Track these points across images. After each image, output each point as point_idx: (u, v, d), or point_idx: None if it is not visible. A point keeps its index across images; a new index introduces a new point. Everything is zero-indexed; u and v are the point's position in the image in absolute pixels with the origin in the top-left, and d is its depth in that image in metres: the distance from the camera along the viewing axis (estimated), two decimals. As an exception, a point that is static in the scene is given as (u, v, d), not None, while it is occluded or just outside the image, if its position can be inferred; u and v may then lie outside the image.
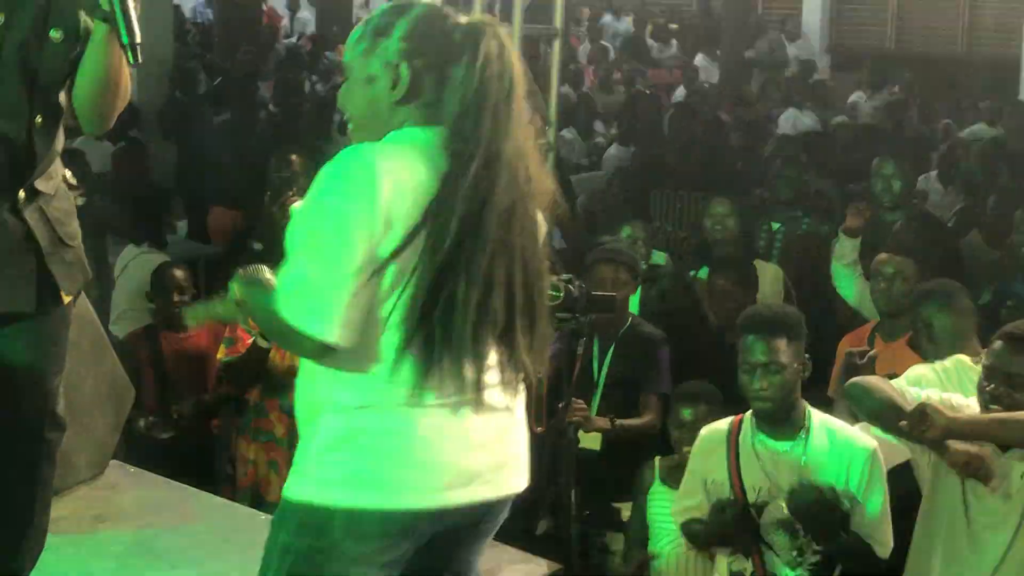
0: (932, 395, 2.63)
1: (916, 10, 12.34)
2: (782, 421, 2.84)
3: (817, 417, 2.88)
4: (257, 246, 4.14)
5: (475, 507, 1.68)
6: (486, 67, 1.59)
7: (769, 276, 4.30)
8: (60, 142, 2.18)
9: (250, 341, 3.50)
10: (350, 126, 1.73)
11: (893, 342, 3.53)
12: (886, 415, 2.58)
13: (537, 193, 1.67)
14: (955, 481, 2.58)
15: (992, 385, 2.54)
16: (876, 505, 2.79)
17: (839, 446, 2.83)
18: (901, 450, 2.78)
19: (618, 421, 3.46)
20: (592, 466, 3.45)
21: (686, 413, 3.24)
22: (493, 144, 1.59)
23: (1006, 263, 4.44)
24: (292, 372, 3.10)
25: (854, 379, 2.82)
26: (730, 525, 2.79)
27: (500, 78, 1.60)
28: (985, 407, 2.54)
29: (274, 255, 2.08)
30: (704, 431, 3.04)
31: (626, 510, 3.48)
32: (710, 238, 4.54)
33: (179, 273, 4.16)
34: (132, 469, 3.45)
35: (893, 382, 2.74)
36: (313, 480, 1.65)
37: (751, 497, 2.83)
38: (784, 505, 2.74)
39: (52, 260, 2.11)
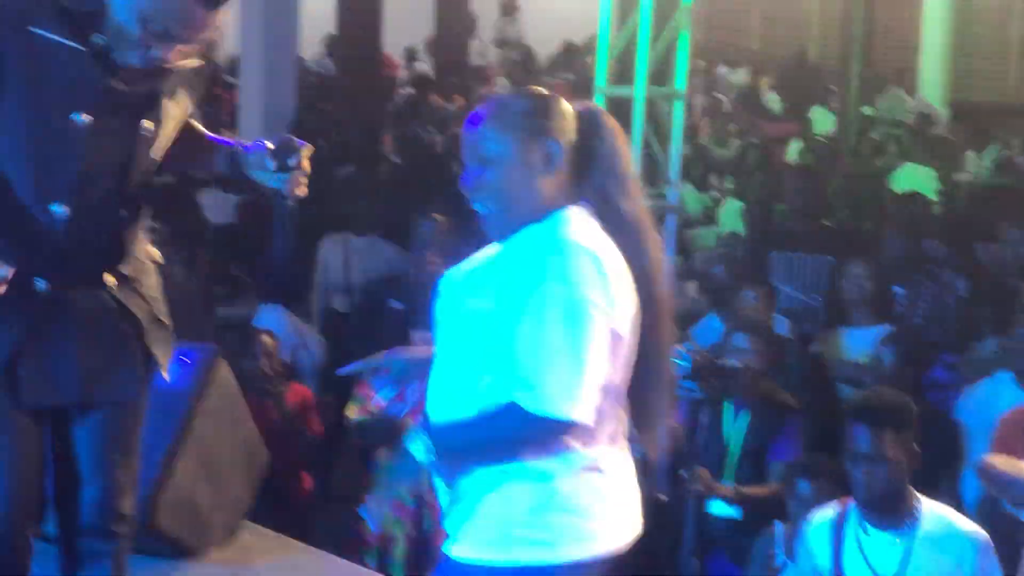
0: None
1: None
2: (888, 511, 2.88)
3: (927, 506, 2.90)
4: (397, 305, 4.21)
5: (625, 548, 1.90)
6: (616, 140, 1.79)
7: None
8: (145, 221, 2.29)
9: (374, 397, 3.66)
10: (491, 207, 1.81)
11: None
12: None
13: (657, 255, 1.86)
14: None
15: None
16: None
17: (950, 536, 2.85)
18: None
19: (743, 489, 3.54)
20: (732, 533, 3.57)
21: (802, 486, 3.28)
22: (633, 212, 1.78)
23: None
24: None
25: (987, 458, 2.91)
26: None
27: (624, 150, 1.82)
28: None
29: (416, 315, 2.20)
30: (814, 516, 3.08)
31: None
32: (847, 297, 4.52)
33: (267, 339, 4.26)
34: (264, 531, 3.61)
35: None
36: (518, 542, 1.78)
37: None
38: None
39: (153, 340, 2.21)
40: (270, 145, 2.16)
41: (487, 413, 1.74)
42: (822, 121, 10.45)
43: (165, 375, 2.24)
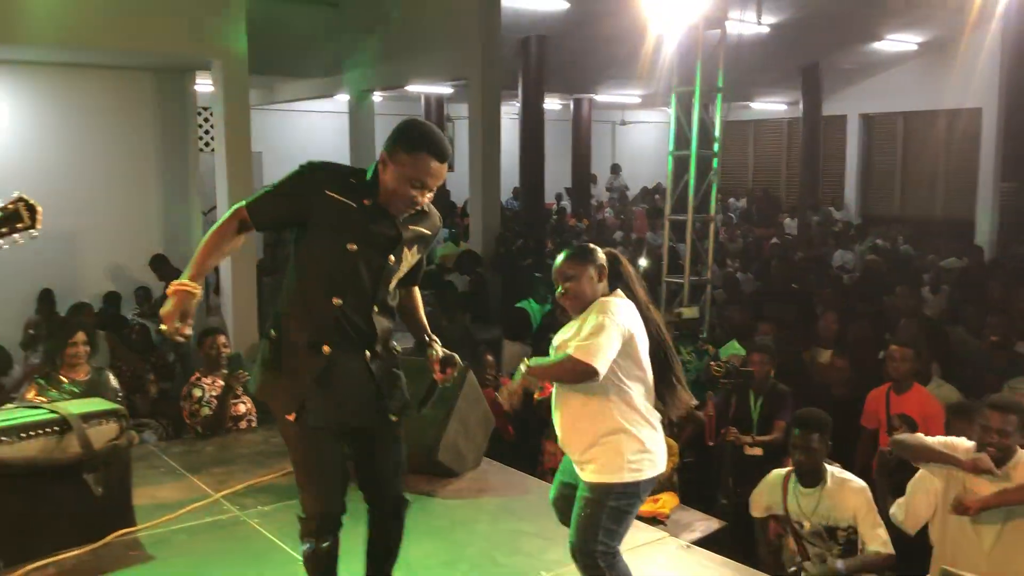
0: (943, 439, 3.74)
1: (911, 184, 17.62)
2: (810, 478, 4.11)
3: (831, 470, 4.09)
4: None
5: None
6: (628, 267, 3.07)
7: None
8: (391, 319, 2.91)
9: (551, 388, 5.78)
10: (568, 302, 2.99)
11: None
12: (944, 457, 3.61)
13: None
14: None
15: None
16: (871, 521, 3.90)
17: (843, 486, 4.01)
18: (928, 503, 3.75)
19: (759, 438, 5.31)
20: (757, 464, 5.03)
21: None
22: (642, 296, 3.04)
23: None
24: None
25: (897, 438, 3.93)
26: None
27: (632, 271, 3.08)
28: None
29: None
30: (770, 474, 4.32)
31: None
32: (823, 335, 6.49)
33: (489, 358, 6.07)
34: (493, 461, 4.94)
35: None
36: (623, 469, 2.86)
37: (794, 517, 4.12)
38: (810, 524, 4.06)
39: (389, 395, 2.87)
40: (439, 352, 2.93)
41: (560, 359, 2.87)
42: (789, 226, 16.00)
43: (392, 417, 2.87)
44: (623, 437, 2.86)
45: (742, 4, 10.64)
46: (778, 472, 4.30)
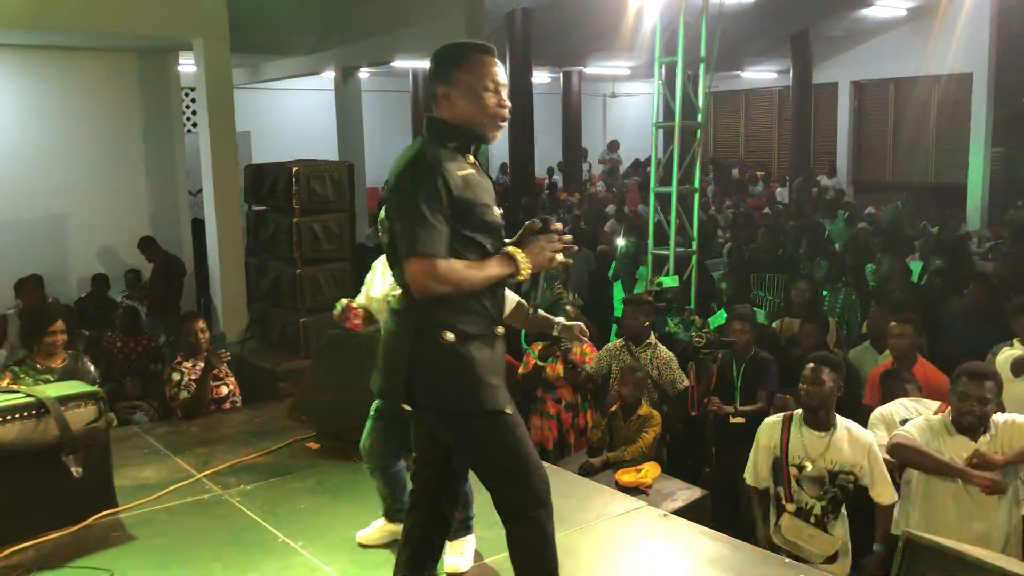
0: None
1: (903, 151, 17.67)
2: (818, 416, 4.01)
3: (841, 419, 4.02)
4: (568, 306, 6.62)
5: None
6: None
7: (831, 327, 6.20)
8: None
9: (534, 362, 5.58)
10: None
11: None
12: (945, 468, 3.69)
13: None
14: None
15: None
16: (879, 470, 3.89)
17: (853, 436, 3.97)
18: None
19: (742, 408, 5.32)
20: (740, 432, 5.05)
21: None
22: None
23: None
24: (559, 379, 5.46)
25: (896, 443, 3.80)
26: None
27: None
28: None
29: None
30: (767, 419, 4.24)
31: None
32: (796, 301, 6.39)
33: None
34: None
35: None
36: None
37: (794, 457, 4.02)
38: (812, 466, 3.98)
39: None
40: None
41: None
42: (782, 195, 16.24)
43: None
44: None
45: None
46: (773, 417, 4.27)
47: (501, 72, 2.62)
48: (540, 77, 18.08)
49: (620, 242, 9.52)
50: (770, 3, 13.50)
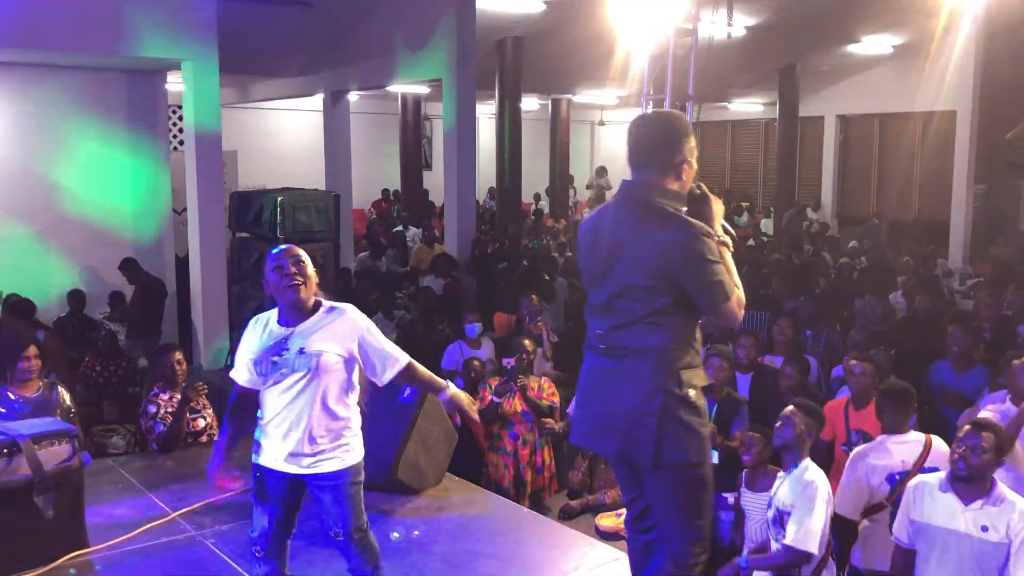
0: None
1: (887, 185, 17.73)
2: (788, 455, 4.03)
3: (806, 462, 4.00)
4: (526, 341, 6.08)
5: None
6: None
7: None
8: None
9: (490, 397, 5.61)
10: None
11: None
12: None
13: None
14: None
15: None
16: (802, 512, 3.83)
17: (803, 474, 3.97)
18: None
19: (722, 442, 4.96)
20: (717, 471, 4.95)
21: (749, 440, 4.48)
22: None
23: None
24: (516, 415, 5.42)
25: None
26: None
27: None
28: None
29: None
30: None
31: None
32: (777, 340, 6.33)
33: (477, 363, 6.12)
34: (456, 477, 4.94)
35: None
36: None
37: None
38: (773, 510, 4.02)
39: None
40: None
41: None
42: (766, 226, 16.65)
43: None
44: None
45: (716, 6, 10.64)
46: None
47: None
48: (529, 103, 18.15)
49: None
50: (758, 37, 13.62)
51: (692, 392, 2.78)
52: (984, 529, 3.45)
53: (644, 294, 2.77)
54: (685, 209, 2.82)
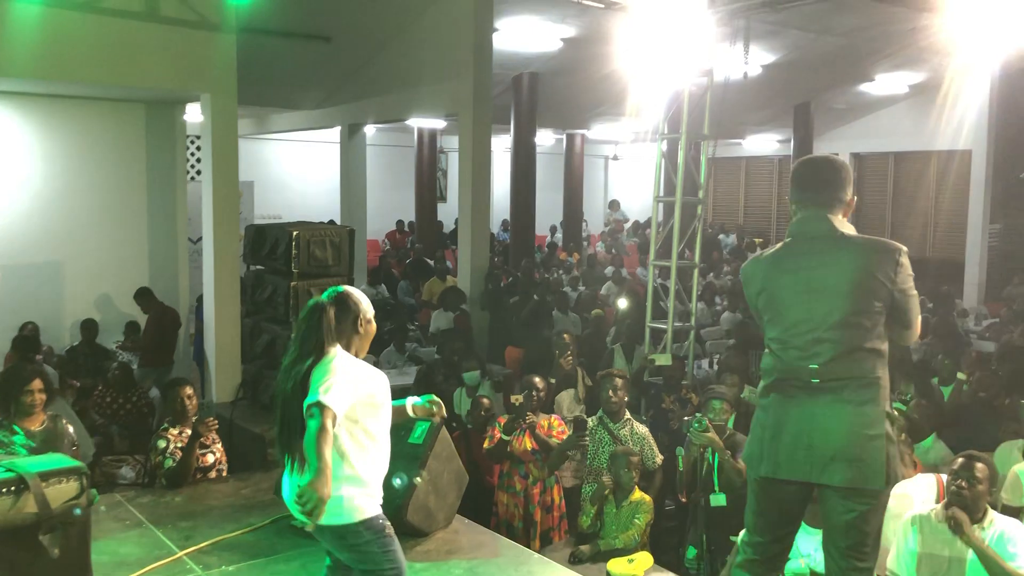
0: None
1: (901, 224, 17.73)
2: None
3: None
4: (536, 378, 5.89)
5: None
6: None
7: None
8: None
9: (499, 436, 5.49)
10: None
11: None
12: None
13: None
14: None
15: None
16: None
17: None
18: None
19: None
20: (723, 514, 4.98)
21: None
22: None
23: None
24: (525, 453, 5.35)
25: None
26: None
27: None
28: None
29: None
30: None
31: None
32: None
33: (486, 401, 6.10)
34: (466, 520, 4.82)
35: None
36: None
37: None
38: None
39: None
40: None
41: None
42: None
43: None
44: None
45: (733, 43, 10.70)
46: None
47: None
48: (545, 138, 18.25)
49: (621, 304, 9.49)
50: (774, 75, 13.67)
51: (896, 412, 3.11)
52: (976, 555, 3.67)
53: (860, 319, 2.97)
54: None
